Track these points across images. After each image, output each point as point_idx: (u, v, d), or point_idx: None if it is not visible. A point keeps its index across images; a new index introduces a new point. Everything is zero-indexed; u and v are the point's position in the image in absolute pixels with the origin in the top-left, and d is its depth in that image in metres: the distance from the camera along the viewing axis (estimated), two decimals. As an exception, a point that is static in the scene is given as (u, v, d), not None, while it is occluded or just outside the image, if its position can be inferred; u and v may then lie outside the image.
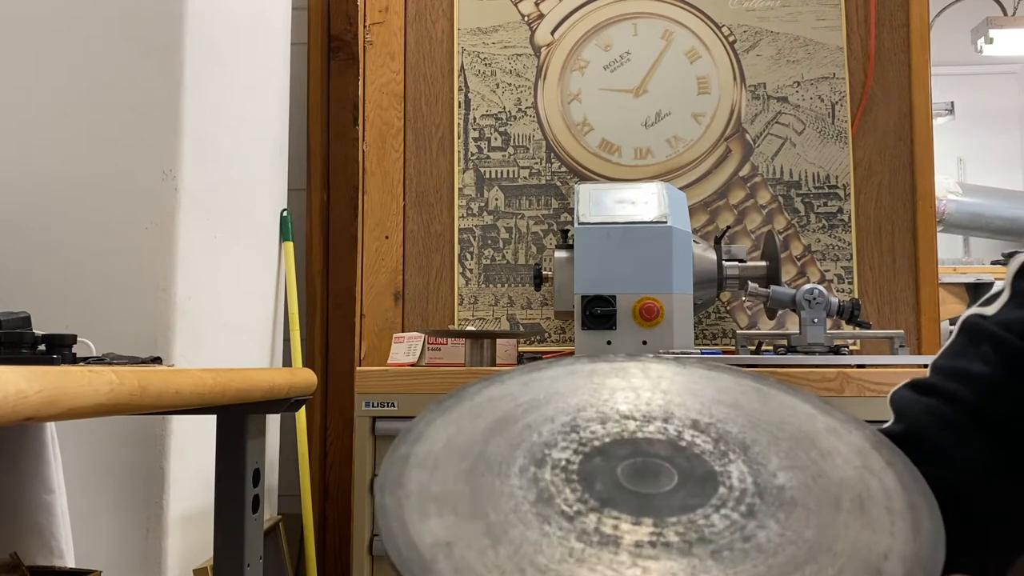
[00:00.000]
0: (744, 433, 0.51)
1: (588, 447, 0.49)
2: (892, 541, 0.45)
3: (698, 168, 2.11)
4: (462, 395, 0.55)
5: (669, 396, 0.54)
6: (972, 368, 0.58)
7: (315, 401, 2.29)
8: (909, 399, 0.60)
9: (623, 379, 0.56)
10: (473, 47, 2.18)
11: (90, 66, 1.65)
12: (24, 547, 1.31)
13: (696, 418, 0.52)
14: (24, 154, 1.66)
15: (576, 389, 0.55)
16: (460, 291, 2.13)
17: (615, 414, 0.52)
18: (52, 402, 0.67)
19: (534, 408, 0.53)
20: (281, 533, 2.08)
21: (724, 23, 2.14)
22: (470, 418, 0.52)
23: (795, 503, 0.47)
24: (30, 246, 1.63)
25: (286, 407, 1.25)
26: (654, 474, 0.47)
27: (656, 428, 0.51)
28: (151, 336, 1.60)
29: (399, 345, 1.90)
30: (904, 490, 0.49)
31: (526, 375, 0.57)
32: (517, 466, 0.48)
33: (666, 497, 0.46)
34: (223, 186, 1.83)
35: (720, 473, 0.48)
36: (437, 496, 0.45)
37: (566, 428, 0.51)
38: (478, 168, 2.15)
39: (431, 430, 0.51)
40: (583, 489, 0.46)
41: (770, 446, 0.51)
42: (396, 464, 0.48)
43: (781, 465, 0.49)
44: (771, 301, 1.74)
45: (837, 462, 0.50)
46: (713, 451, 0.50)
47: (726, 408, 0.54)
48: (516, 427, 0.51)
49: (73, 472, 1.48)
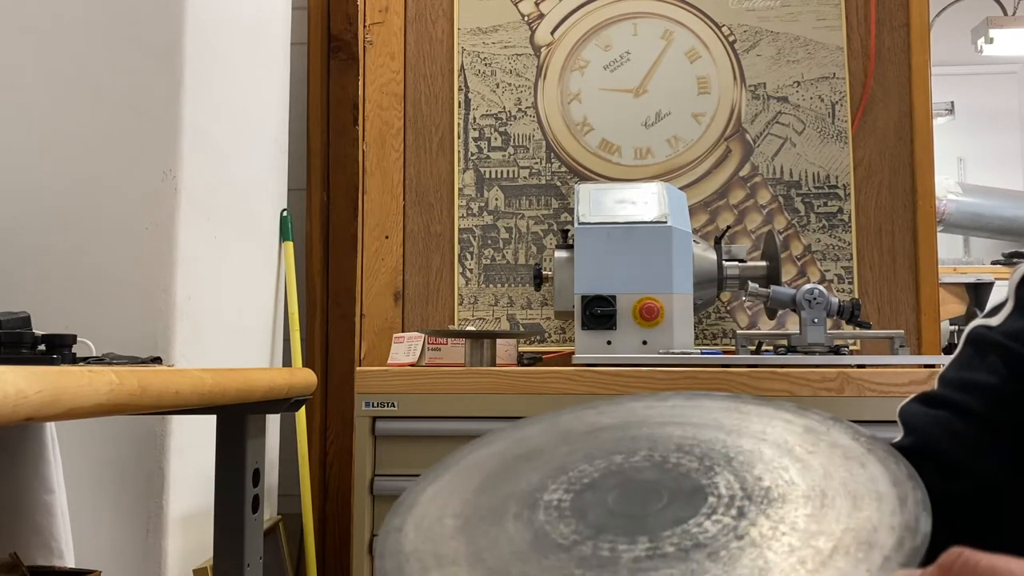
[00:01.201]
0: (727, 447, 0.53)
1: (579, 485, 0.50)
2: (880, 515, 0.46)
3: (698, 168, 2.11)
4: (448, 462, 0.56)
5: (650, 428, 0.56)
6: (980, 379, 0.58)
7: (315, 401, 2.29)
8: (918, 412, 0.60)
9: (608, 416, 0.58)
10: (473, 47, 2.18)
11: (90, 66, 1.65)
12: (24, 547, 1.31)
13: (679, 442, 0.53)
14: (24, 154, 1.66)
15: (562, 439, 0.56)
16: (460, 291, 2.13)
17: (601, 452, 0.53)
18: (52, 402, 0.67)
19: (522, 462, 0.54)
20: (281, 533, 2.08)
21: (724, 23, 2.14)
22: (460, 481, 0.53)
23: (784, 499, 0.48)
24: (30, 246, 1.63)
25: (286, 407, 1.26)
26: (644, 497, 0.49)
27: (642, 457, 0.52)
28: (151, 336, 1.60)
29: (399, 345, 1.90)
30: (887, 471, 0.50)
31: (514, 432, 0.58)
32: (511, 513, 0.49)
33: (658, 515, 0.47)
34: (223, 186, 1.83)
35: (707, 485, 0.49)
36: (435, 553, 0.47)
37: (555, 472, 0.52)
38: (478, 168, 2.15)
39: (423, 498, 0.52)
40: (577, 522, 0.47)
41: (753, 455, 0.52)
42: (392, 533, 0.49)
43: (766, 469, 0.50)
44: (771, 301, 1.74)
45: (819, 458, 0.52)
46: (699, 468, 0.51)
47: (708, 430, 0.55)
48: (505, 480, 0.52)
49: (73, 472, 1.48)
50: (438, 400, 1.58)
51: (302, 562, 2.14)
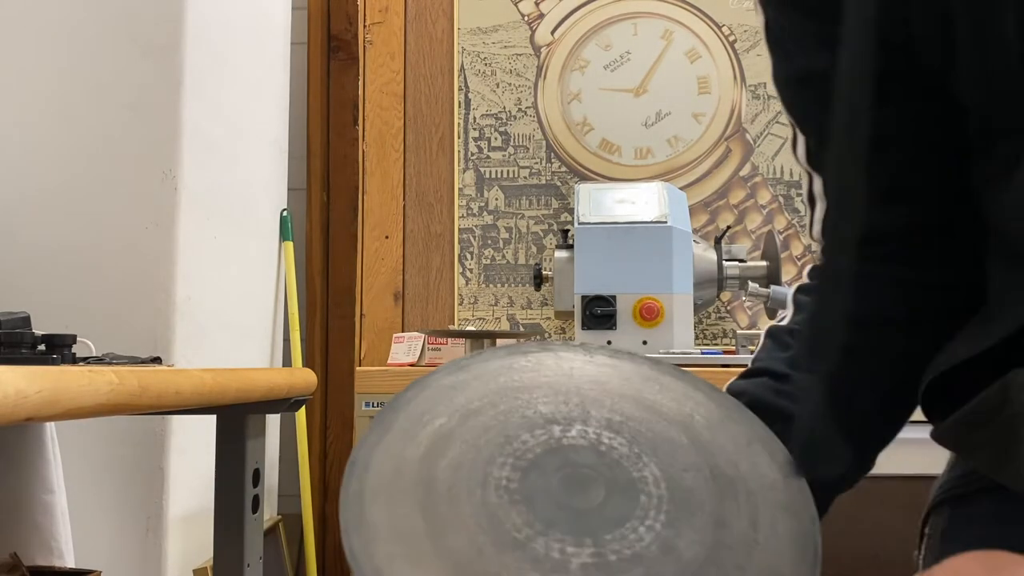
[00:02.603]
0: (652, 432, 0.57)
1: (524, 460, 0.54)
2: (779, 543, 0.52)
3: (698, 168, 2.11)
4: (396, 407, 0.57)
5: (582, 393, 0.59)
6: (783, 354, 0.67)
7: (315, 401, 2.29)
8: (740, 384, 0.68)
9: (539, 374, 0.61)
10: (473, 47, 2.18)
11: (90, 66, 1.65)
12: (24, 547, 1.31)
13: (609, 417, 0.57)
14: (24, 154, 1.66)
15: (501, 391, 0.59)
16: (460, 291, 2.13)
17: (540, 419, 0.56)
18: (52, 402, 0.67)
19: (467, 417, 0.56)
20: (281, 533, 2.08)
21: (724, 23, 2.13)
22: (410, 436, 0.55)
23: (703, 507, 0.53)
24: (30, 246, 1.63)
25: (286, 407, 1.25)
26: (583, 485, 0.53)
27: (577, 432, 0.56)
28: (151, 336, 1.60)
29: (399, 345, 1.90)
30: (787, 485, 0.56)
31: (452, 376, 0.60)
32: (464, 490, 0.51)
33: (599, 512, 0.51)
34: (223, 186, 1.83)
35: (638, 479, 0.54)
36: (400, 533, 0.49)
37: (500, 438, 0.55)
38: (478, 168, 2.15)
39: (376, 456, 0.53)
40: (527, 510, 0.51)
41: (674, 445, 0.57)
42: (352, 502, 0.50)
43: (686, 464, 0.55)
44: (771, 301, 1.74)
45: (731, 458, 0.57)
46: (629, 454, 0.55)
47: (632, 403, 0.59)
48: (455, 444, 0.54)
49: (73, 472, 1.48)
50: (438, 400, 1.57)
51: (302, 562, 2.13)
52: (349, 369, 2.26)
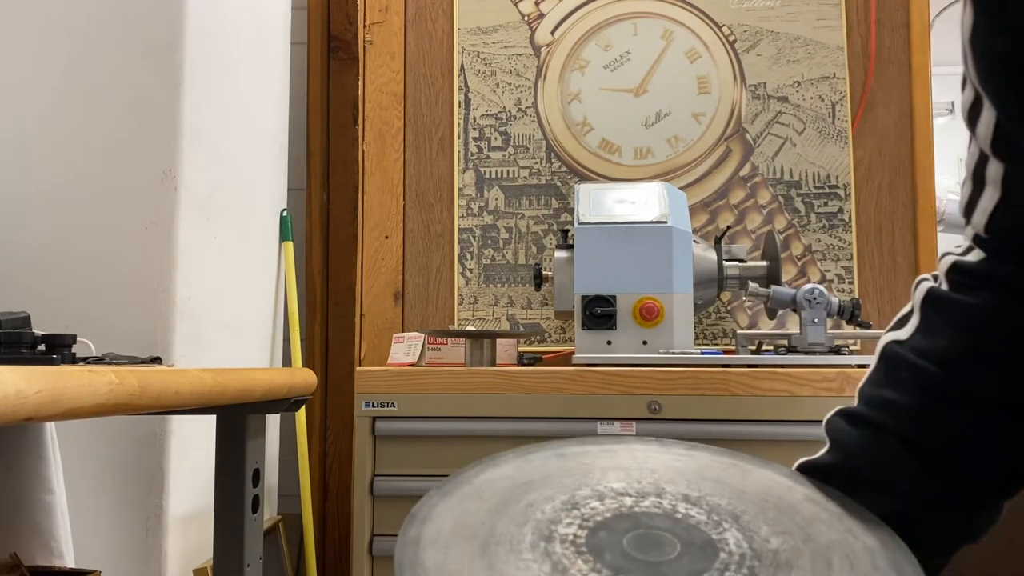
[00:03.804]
0: (732, 504, 0.54)
1: (591, 522, 0.51)
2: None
3: (698, 168, 2.11)
4: (460, 479, 0.56)
5: (657, 474, 0.57)
6: (894, 398, 0.60)
7: (315, 401, 2.29)
8: (843, 430, 0.62)
9: (610, 460, 0.59)
10: (473, 47, 2.18)
11: (90, 66, 1.65)
12: (24, 547, 1.31)
13: (686, 492, 0.55)
14: (24, 154, 1.66)
15: (569, 471, 0.57)
16: (460, 291, 2.13)
17: (610, 492, 0.54)
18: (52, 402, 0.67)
19: (532, 489, 0.55)
20: (281, 533, 2.08)
21: (724, 23, 2.13)
22: (473, 499, 0.54)
23: (791, 565, 0.49)
24: (30, 246, 1.63)
25: (286, 407, 1.25)
26: (657, 543, 0.50)
27: (651, 503, 0.54)
28: (151, 336, 1.60)
29: (399, 345, 1.90)
30: (885, 549, 0.52)
31: (520, 458, 0.59)
32: (527, 541, 0.49)
33: (673, 564, 0.48)
34: (223, 186, 1.83)
35: (718, 540, 0.51)
36: (455, 574, 0.47)
37: (567, 506, 0.53)
38: (478, 168, 2.15)
39: (436, 512, 0.52)
40: (594, 559, 0.48)
41: (758, 515, 0.53)
42: (409, 546, 0.49)
43: (772, 531, 0.52)
44: (771, 301, 1.74)
45: (821, 527, 0.53)
46: (707, 521, 0.52)
47: (711, 483, 0.56)
48: (519, 506, 0.53)
49: (73, 472, 1.48)
50: (438, 400, 1.58)
51: (302, 562, 2.13)
52: (349, 369, 2.26)
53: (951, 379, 0.58)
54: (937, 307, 0.61)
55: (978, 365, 0.58)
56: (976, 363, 0.58)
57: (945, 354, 0.59)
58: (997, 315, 0.58)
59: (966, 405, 0.58)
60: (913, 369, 0.60)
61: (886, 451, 0.59)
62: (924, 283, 0.64)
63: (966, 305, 0.59)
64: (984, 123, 0.58)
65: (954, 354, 0.58)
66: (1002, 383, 0.57)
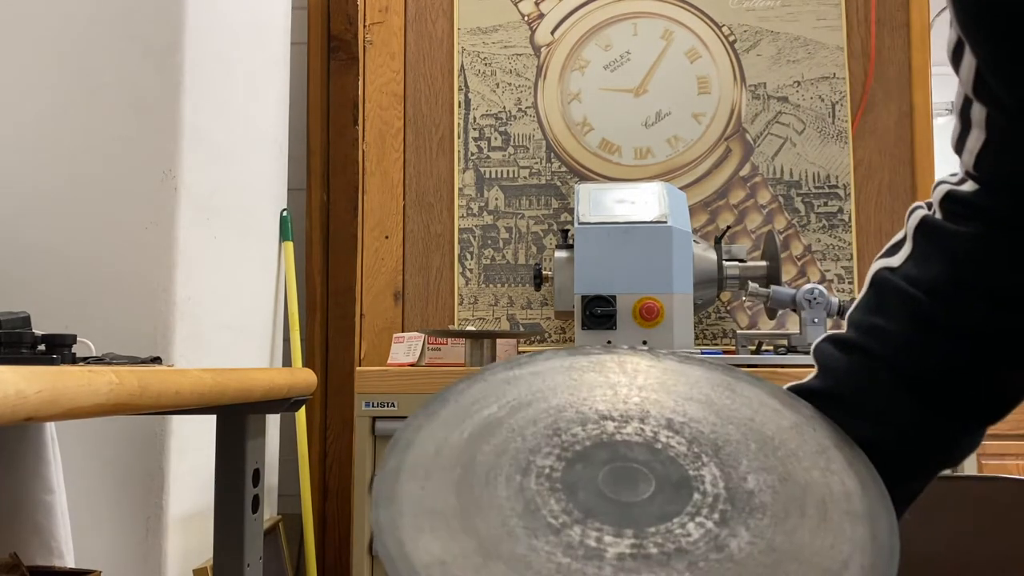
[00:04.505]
0: (716, 433, 0.54)
1: (570, 452, 0.51)
2: (852, 549, 0.48)
3: (698, 168, 2.11)
4: (447, 396, 0.56)
5: (644, 392, 0.57)
6: (885, 325, 0.61)
7: (315, 401, 2.29)
8: (832, 355, 0.63)
9: (600, 374, 0.58)
10: (473, 47, 2.18)
11: (90, 66, 1.65)
12: (24, 547, 1.31)
13: (670, 417, 0.55)
14: (24, 154, 1.66)
15: (556, 387, 0.57)
16: (460, 291, 2.13)
17: (594, 415, 0.54)
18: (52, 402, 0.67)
19: (517, 409, 0.55)
20: (281, 533, 2.08)
21: (724, 23, 2.13)
22: (457, 422, 0.54)
23: (764, 509, 0.49)
24: (30, 246, 1.63)
25: (286, 407, 1.25)
26: (633, 480, 0.50)
27: (633, 429, 0.53)
28: (151, 336, 1.60)
29: (399, 345, 1.90)
30: (864, 493, 0.52)
31: (509, 371, 0.59)
32: (504, 475, 0.50)
33: (644, 505, 0.48)
34: (223, 186, 1.83)
35: (694, 478, 0.50)
36: (430, 510, 0.47)
37: (549, 431, 0.53)
38: (478, 168, 2.15)
39: (420, 437, 0.52)
40: (567, 499, 0.48)
41: (739, 447, 0.53)
42: (388, 477, 0.49)
43: (750, 467, 0.52)
44: (771, 301, 1.74)
45: (803, 464, 0.53)
46: (687, 453, 0.52)
47: (698, 405, 0.56)
48: (501, 431, 0.53)
49: (73, 472, 1.48)
50: (438, 400, 1.57)
51: (302, 562, 2.13)
52: (349, 369, 2.26)
53: (940, 308, 0.59)
54: (929, 236, 0.62)
55: (968, 295, 0.59)
56: (966, 293, 0.59)
57: (936, 283, 0.59)
58: (989, 246, 0.59)
59: (955, 334, 0.59)
60: (904, 296, 0.60)
61: (874, 377, 0.60)
62: (918, 211, 0.64)
63: (958, 235, 0.60)
64: (966, 67, 0.59)
65: (945, 283, 0.59)
66: (991, 313, 0.58)
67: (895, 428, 0.59)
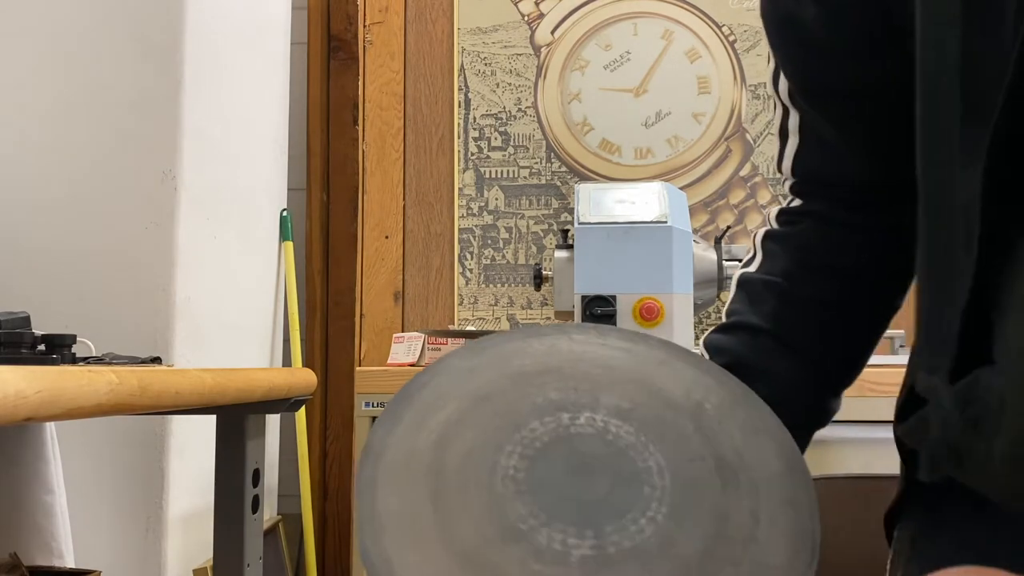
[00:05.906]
0: (660, 418, 0.58)
1: (531, 449, 0.54)
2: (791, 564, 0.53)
3: (698, 168, 2.11)
4: (410, 397, 0.58)
5: (592, 378, 0.60)
6: (760, 307, 0.72)
7: (315, 401, 2.29)
8: (719, 339, 0.74)
9: (552, 357, 0.62)
10: (473, 47, 2.18)
11: (90, 66, 1.65)
12: (24, 547, 1.31)
13: (618, 403, 0.58)
14: (24, 154, 1.66)
15: (513, 376, 0.60)
16: (460, 291, 2.13)
17: (550, 405, 0.57)
18: (51, 402, 0.67)
19: (479, 403, 0.57)
20: (281, 533, 2.08)
21: (724, 23, 2.13)
22: (422, 425, 0.56)
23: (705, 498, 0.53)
24: (30, 246, 1.63)
25: (286, 407, 1.25)
26: (590, 475, 0.53)
27: (586, 420, 0.56)
28: (151, 336, 1.60)
29: (399, 345, 1.90)
30: (790, 475, 0.57)
31: (468, 360, 0.61)
32: (473, 480, 0.52)
33: (601, 506, 0.52)
34: (223, 186, 1.83)
35: (643, 470, 0.54)
36: (410, 523, 0.50)
37: (510, 426, 0.56)
38: (478, 168, 2.15)
39: (389, 443, 0.54)
40: (532, 500, 0.52)
41: (683, 435, 0.57)
42: (365, 490, 0.51)
43: (691, 455, 0.56)
44: (771, 301, 1.74)
45: (734, 449, 0.57)
46: (635, 443, 0.56)
47: (641, 391, 0.60)
48: (467, 432, 0.55)
49: (73, 472, 1.48)
50: (438, 400, 1.58)
51: (302, 562, 2.14)
52: (349, 369, 2.26)
53: (795, 287, 0.72)
54: (774, 240, 0.75)
55: (813, 275, 0.72)
56: (811, 273, 0.72)
57: (787, 270, 0.73)
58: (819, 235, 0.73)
59: (811, 307, 0.71)
60: (765, 284, 0.73)
61: (759, 344, 0.70)
62: (761, 230, 0.78)
63: (794, 234, 0.74)
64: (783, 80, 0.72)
65: (793, 268, 0.72)
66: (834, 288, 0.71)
67: (782, 389, 0.67)
